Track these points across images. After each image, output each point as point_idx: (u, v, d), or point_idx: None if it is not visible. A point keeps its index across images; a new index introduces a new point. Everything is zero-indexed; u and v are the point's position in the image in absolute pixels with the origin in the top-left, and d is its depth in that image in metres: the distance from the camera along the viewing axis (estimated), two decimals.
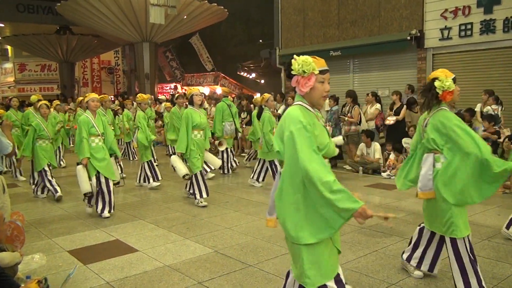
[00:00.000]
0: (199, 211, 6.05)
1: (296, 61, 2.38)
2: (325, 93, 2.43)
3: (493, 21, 8.83)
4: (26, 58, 27.48)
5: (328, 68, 2.45)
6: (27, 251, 3.97)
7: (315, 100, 2.45)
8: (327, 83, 2.44)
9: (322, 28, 12.17)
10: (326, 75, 2.43)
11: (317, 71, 2.37)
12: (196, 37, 22.92)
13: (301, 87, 2.38)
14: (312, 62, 2.36)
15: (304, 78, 2.37)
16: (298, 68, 2.36)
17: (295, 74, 2.38)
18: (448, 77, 3.28)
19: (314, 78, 2.37)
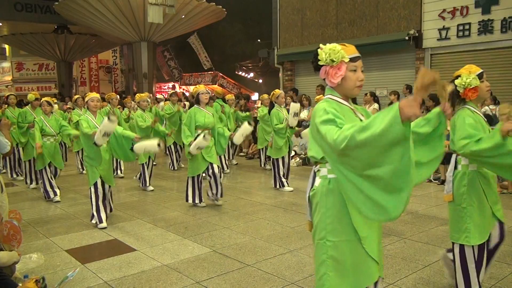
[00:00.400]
0: (197, 211, 6.04)
1: (322, 50, 2.17)
2: (358, 82, 2.19)
3: (491, 22, 8.86)
4: (24, 57, 27.40)
5: (359, 54, 2.22)
6: (24, 251, 3.96)
7: (348, 91, 2.21)
8: (360, 71, 2.20)
9: (321, 28, 12.18)
10: (358, 62, 2.19)
11: (347, 58, 2.15)
12: (194, 36, 22.91)
13: (331, 78, 2.17)
14: (341, 50, 2.15)
15: (333, 68, 2.15)
16: (325, 58, 2.15)
17: (323, 65, 2.18)
18: (472, 73, 2.99)
19: (344, 66, 2.15)
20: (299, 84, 12.97)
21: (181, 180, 8.37)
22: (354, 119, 2.19)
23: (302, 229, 5.09)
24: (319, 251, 2.19)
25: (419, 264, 3.95)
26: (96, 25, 18.74)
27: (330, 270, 2.14)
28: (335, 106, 2.15)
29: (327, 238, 2.15)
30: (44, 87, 27.04)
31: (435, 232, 4.80)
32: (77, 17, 18.58)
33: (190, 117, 6.03)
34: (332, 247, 2.13)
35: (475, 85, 2.96)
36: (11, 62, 27.95)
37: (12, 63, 27.83)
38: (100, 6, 16.85)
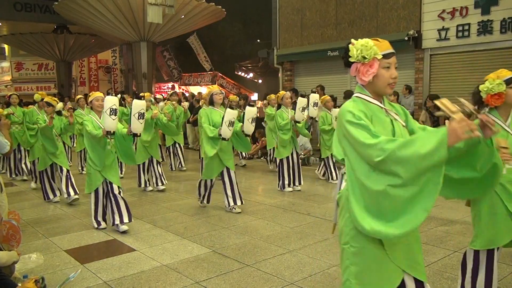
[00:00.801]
0: (196, 211, 6.04)
1: (354, 46, 2.08)
2: (391, 80, 2.08)
3: (491, 22, 8.86)
4: (23, 57, 27.36)
5: (393, 50, 2.11)
6: (24, 251, 3.96)
7: (380, 89, 2.10)
8: (394, 69, 2.09)
9: (320, 28, 12.18)
10: (392, 59, 2.09)
11: (380, 55, 2.04)
12: (194, 36, 22.89)
13: (362, 75, 2.06)
14: (373, 46, 2.05)
15: (365, 65, 2.05)
16: (357, 54, 2.06)
17: (354, 62, 2.07)
18: (500, 77, 2.76)
19: (377, 64, 2.04)
20: (299, 85, 12.96)
21: (180, 180, 8.38)
22: (384, 119, 2.10)
23: (301, 229, 5.09)
24: (343, 256, 2.14)
25: None
26: (96, 25, 18.72)
27: (352, 277, 2.07)
28: (362, 107, 2.07)
29: (350, 244, 2.08)
30: (44, 87, 26.98)
31: (434, 233, 4.80)
32: (77, 17, 18.56)
33: (207, 116, 5.82)
34: (354, 253, 2.06)
35: (498, 91, 2.73)
36: (11, 62, 27.91)
37: (11, 63, 27.80)
38: (100, 6, 16.83)
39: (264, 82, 20.63)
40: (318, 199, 6.63)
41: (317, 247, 4.45)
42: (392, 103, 2.23)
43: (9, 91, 26.88)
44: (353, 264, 2.06)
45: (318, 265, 3.96)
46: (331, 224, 4.95)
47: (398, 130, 2.09)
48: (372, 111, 2.08)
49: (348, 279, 2.08)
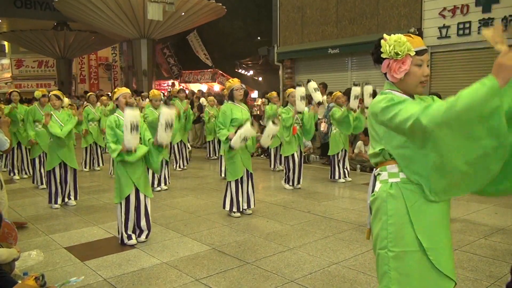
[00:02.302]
0: (196, 208, 6.04)
1: (386, 41, 1.99)
2: (423, 78, 2.00)
3: (492, 20, 8.84)
4: (23, 54, 27.37)
5: (426, 47, 2.02)
6: (24, 248, 3.96)
7: (411, 88, 2.03)
8: (426, 66, 2.00)
9: (321, 26, 12.16)
10: (425, 56, 2.00)
11: (413, 52, 1.96)
12: (194, 34, 22.86)
13: (393, 73, 1.99)
14: (406, 42, 1.96)
15: (397, 62, 1.97)
16: (389, 50, 1.97)
17: (386, 58, 2.00)
18: None
19: (409, 60, 1.96)
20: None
21: (180, 178, 8.37)
22: None
23: (301, 227, 5.09)
24: (381, 261, 2.02)
25: None
26: (96, 22, 18.71)
27: (393, 284, 1.97)
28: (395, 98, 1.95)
29: (388, 248, 1.97)
30: (44, 84, 26.97)
31: None
32: (77, 14, 18.55)
33: (225, 113, 5.46)
34: (394, 258, 1.96)
35: None
36: (11, 59, 27.92)
37: (11, 60, 27.81)
38: (100, 3, 16.81)
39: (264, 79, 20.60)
40: (318, 197, 6.63)
41: (317, 245, 4.45)
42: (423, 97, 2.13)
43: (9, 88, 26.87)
44: (393, 269, 1.96)
45: (318, 263, 3.96)
46: (331, 221, 4.96)
47: None
48: None
49: (388, 286, 1.98)
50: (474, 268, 3.77)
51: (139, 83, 19.59)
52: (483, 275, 3.59)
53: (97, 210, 6.04)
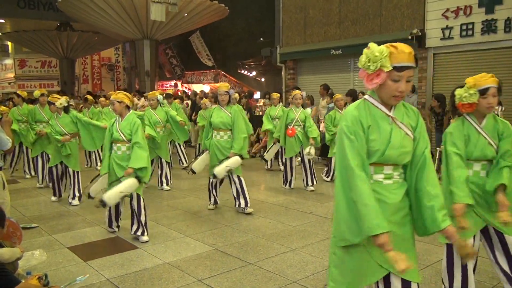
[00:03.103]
0: (199, 209, 6.05)
1: (365, 53, 2.02)
2: (397, 93, 2.02)
3: (495, 21, 8.83)
4: (27, 54, 27.43)
5: (411, 64, 2.01)
6: (27, 247, 3.97)
7: (384, 99, 2.08)
8: (404, 82, 2.00)
9: (323, 27, 12.16)
10: (405, 72, 1.99)
11: (388, 68, 1.97)
12: (196, 34, 22.88)
13: (366, 83, 2.05)
14: (382, 58, 1.96)
15: (370, 74, 2.01)
16: (364, 62, 2.02)
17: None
18: (476, 86, 2.83)
19: (384, 75, 1.98)
20: (302, 83, 12.96)
21: (182, 178, 8.38)
22: (383, 128, 2.07)
23: (303, 227, 5.09)
24: (330, 245, 2.28)
25: (420, 264, 3.94)
26: (99, 22, 18.73)
27: (333, 266, 2.21)
28: (364, 113, 2.07)
29: (334, 235, 2.23)
30: (47, 84, 27.04)
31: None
32: (80, 14, 18.58)
33: (209, 116, 5.93)
34: (336, 244, 2.19)
35: (470, 101, 2.83)
36: (14, 59, 27.98)
37: (14, 60, 27.86)
38: (103, 3, 16.84)
39: (267, 80, 20.60)
40: (320, 198, 6.63)
41: (319, 246, 4.45)
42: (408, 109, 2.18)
43: (12, 88, 27.00)
44: (335, 253, 2.20)
45: (320, 264, 3.96)
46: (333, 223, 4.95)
47: (397, 140, 2.07)
48: (373, 118, 2.08)
49: (330, 267, 2.25)
50: (477, 270, 3.75)
51: (142, 84, 19.60)
52: (486, 277, 3.59)
53: (100, 211, 6.00)
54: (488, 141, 2.91)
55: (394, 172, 2.13)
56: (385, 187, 2.11)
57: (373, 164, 2.09)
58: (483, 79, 2.87)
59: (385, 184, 2.12)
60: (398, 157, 2.09)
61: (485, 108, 2.86)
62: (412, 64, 2.02)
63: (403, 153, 2.09)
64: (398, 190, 2.13)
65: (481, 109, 2.88)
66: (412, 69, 2.02)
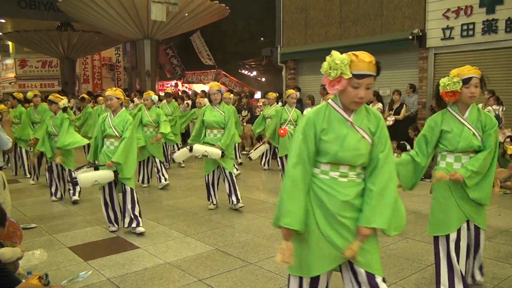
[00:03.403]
0: (200, 209, 6.05)
1: (327, 60, 2.15)
2: (357, 99, 2.14)
3: (496, 21, 8.82)
4: (27, 54, 27.42)
5: (371, 72, 2.14)
6: (28, 247, 3.97)
7: (346, 104, 2.22)
8: (363, 90, 2.13)
9: (324, 27, 12.15)
10: (364, 80, 2.12)
11: (348, 75, 2.10)
12: (197, 34, 22.87)
13: (328, 88, 2.18)
14: (343, 66, 2.09)
15: (332, 81, 2.14)
16: (326, 69, 2.15)
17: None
18: (460, 75, 3.03)
19: (345, 82, 2.11)
20: (302, 83, 12.96)
21: (184, 178, 8.39)
22: (340, 131, 2.21)
23: None
24: None
25: (421, 263, 3.95)
26: (100, 22, 18.74)
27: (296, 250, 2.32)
28: (322, 116, 2.24)
29: None
30: (47, 84, 27.06)
31: None
32: (81, 14, 18.59)
33: (201, 115, 5.99)
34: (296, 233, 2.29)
35: (453, 89, 3.01)
36: (15, 59, 27.97)
37: (15, 60, 27.85)
38: (104, 3, 16.84)
39: (268, 80, 20.60)
40: None
41: None
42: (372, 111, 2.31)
43: (13, 88, 27.01)
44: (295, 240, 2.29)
45: None
46: None
47: (351, 143, 2.20)
48: (329, 121, 2.23)
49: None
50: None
51: (142, 84, 19.61)
52: (486, 277, 3.58)
53: (101, 210, 6.04)
54: (472, 132, 3.06)
55: (350, 172, 2.25)
56: (339, 184, 2.24)
57: (329, 163, 2.24)
58: (467, 69, 3.06)
59: (340, 181, 2.25)
60: (351, 158, 2.21)
61: (467, 97, 3.04)
62: (372, 73, 2.14)
63: (357, 155, 2.21)
64: (352, 189, 2.24)
65: (463, 99, 3.06)
66: (372, 77, 2.15)
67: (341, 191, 2.22)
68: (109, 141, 5.00)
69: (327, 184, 2.24)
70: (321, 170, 2.27)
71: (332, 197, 2.22)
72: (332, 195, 2.22)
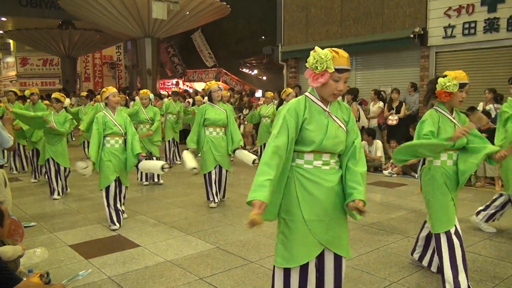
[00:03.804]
0: (200, 207, 6.05)
1: (312, 55, 2.35)
2: (336, 91, 2.36)
3: (497, 20, 8.80)
4: (28, 52, 27.45)
5: (348, 67, 2.36)
6: (29, 245, 3.98)
7: (325, 96, 2.42)
8: (342, 83, 2.35)
9: (325, 25, 12.14)
10: (344, 74, 2.34)
11: (332, 69, 2.31)
12: (198, 33, 22.87)
13: (312, 81, 2.37)
14: (328, 60, 2.30)
15: (316, 74, 2.34)
16: (312, 63, 2.35)
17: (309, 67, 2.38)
18: (457, 79, 3.21)
19: (328, 75, 2.32)
20: (303, 81, 12.94)
21: (184, 176, 8.38)
22: (321, 120, 2.39)
23: None
24: (278, 226, 2.54)
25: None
26: (101, 20, 18.75)
27: (279, 243, 2.48)
28: (302, 106, 2.39)
29: (281, 216, 2.48)
30: (48, 82, 27.10)
31: None
32: (82, 12, 18.60)
33: (201, 114, 5.95)
34: (283, 224, 2.47)
35: (451, 90, 3.20)
36: (16, 57, 28.02)
37: (16, 58, 27.90)
38: (105, 1, 16.85)
39: (269, 79, 20.60)
40: None
41: None
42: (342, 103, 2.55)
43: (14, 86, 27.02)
44: (281, 232, 2.47)
45: None
46: None
47: (332, 131, 2.39)
48: (311, 112, 2.40)
49: (277, 245, 2.50)
50: (478, 268, 3.76)
51: (144, 82, 19.62)
52: (487, 276, 3.58)
53: (102, 208, 6.02)
54: None
55: (331, 160, 2.44)
56: (323, 172, 2.42)
57: (313, 152, 2.40)
58: (462, 75, 3.26)
59: (323, 169, 2.43)
60: (333, 146, 2.40)
61: (458, 101, 3.28)
62: (349, 68, 2.38)
63: (337, 143, 2.41)
64: (334, 176, 2.44)
65: (454, 101, 3.29)
66: (349, 71, 2.38)
67: (325, 178, 2.41)
68: (113, 140, 5.09)
69: (312, 173, 2.41)
70: (305, 161, 2.42)
71: (318, 185, 2.40)
72: (318, 183, 2.40)
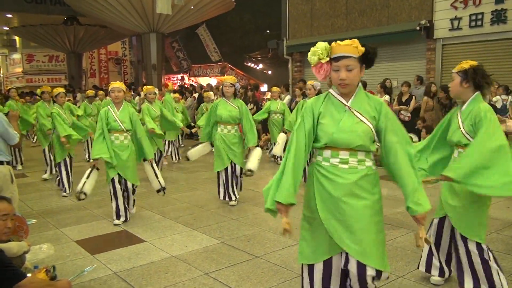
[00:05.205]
0: (206, 202, 6.05)
1: (311, 49, 2.34)
2: (339, 81, 2.30)
3: (504, 11, 8.70)
4: (34, 49, 27.52)
5: (345, 54, 2.25)
6: (35, 241, 3.99)
7: (336, 88, 2.40)
8: (343, 71, 2.27)
9: (330, 18, 12.06)
10: (341, 62, 2.27)
11: (325, 59, 2.29)
12: (203, 27, 22.82)
13: (316, 76, 2.40)
14: (318, 51, 2.28)
15: (317, 68, 2.34)
16: (309, 57, 2.36)
17: None
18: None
19: (325, 66, 2.32)
20: (309, 75, 12.88)
21: (190, 172, 8.39)
22: (336, 115, 2.34)
23: None
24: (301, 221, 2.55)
25: None
26: (105, 16, 18.75)
27: (302, 239, 2.50)
28: (319, 102, 2.39)
29: (303, 212, 2.52)
30: (54, 79, 27.16)
31: None
32: (87, 8, 18.61)
33: (212, 108, 5.81)
34: (304, 219, 2.51)
35: None
36: (22, 54, 28.09)
37: (22, 55, 27.98)
38: None
39: (274, 73, 20.54)
40: None
41: None
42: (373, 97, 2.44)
43: (21, 82, 27.15)
44: (302, 227, 2.50)
45: None
46: None
47: (346, 125, 2.31)
48: (327, 106, 2.38)
49: (300, 238, 2.51)
50: None
51: (149, 77, 19.63)
52: None
53: (107, 204, 6.05)
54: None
55: (351, 158, 2.34)
56: (339, 170, 2.34)
57: (329, 148, 2.35)
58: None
59: (340, 167, 2.35)
60: (347, 140, 2.29)
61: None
62: (347, 54, 2.25)
63: (353, 138, 2.29)
64: (352, 175, 2.33)
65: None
66: (349, 58, 2.25)
67: (341, 175, 2.33)
68: (113, 136, 5.00)
69: (328, 170, 2.36)
70: (323, 158, 2.39)
71: (333, 182, 2.34)
72: (332, 180, 2.34)
